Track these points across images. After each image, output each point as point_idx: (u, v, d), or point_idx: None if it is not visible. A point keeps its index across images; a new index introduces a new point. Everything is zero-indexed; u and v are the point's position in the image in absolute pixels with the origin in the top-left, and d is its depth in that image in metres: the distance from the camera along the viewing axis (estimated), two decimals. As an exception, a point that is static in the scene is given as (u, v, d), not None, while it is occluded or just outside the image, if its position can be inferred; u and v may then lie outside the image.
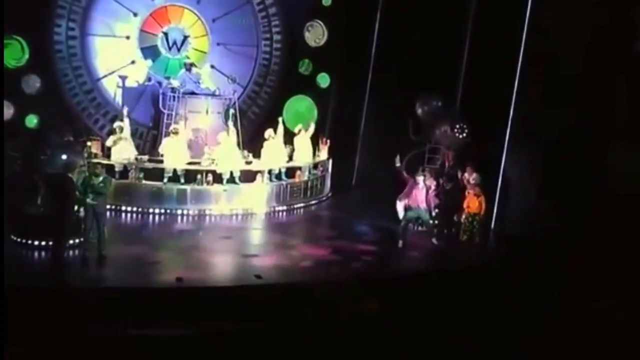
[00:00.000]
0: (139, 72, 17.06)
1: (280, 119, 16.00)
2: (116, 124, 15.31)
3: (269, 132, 15.76)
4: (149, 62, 17.12)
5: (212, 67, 16.80)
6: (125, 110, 15.47)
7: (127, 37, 17.05)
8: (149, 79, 16.87)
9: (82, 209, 11.16)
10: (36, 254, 11.21)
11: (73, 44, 16.57)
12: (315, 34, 18.25)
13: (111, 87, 17.05)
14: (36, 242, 11.31)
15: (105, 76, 16.99)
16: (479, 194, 13.02)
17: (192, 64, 16.55)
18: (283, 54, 18.23)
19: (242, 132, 16.05)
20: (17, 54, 15.63)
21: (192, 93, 16.12)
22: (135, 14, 17.01)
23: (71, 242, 11.26)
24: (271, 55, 18.25)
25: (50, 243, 11.04)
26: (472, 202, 13.02)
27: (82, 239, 11.25)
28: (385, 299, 10.03)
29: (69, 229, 11.00)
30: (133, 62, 17.09)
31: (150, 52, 17.20)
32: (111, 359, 8.38)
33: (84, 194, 11.01)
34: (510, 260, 11.93)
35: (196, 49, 17.54)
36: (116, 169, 14.68)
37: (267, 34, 18.19)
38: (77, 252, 11.23)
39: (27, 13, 15.10)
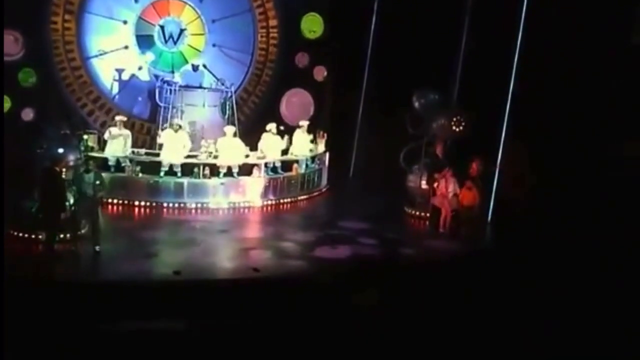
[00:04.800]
0: (131, 62, 17.03)
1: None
2: (117, 118, 15.43)
3: (270, 126, 15.74)
4: (149, 54, 17.11)
5: (204, 66, 16.78)
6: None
7: (125, 22, 16.97)
8: (139, 68, 16.94)
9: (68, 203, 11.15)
10: (31, 247, 11.19)
11: (69, 18, 16.42)
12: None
13: (99, 68, 16.95)
14: (32, 236, 11.31)
15: (95, 56, 16.89)
16: (472, 186, 13.08)
17: (198, 66, 16.60)
18: (277, 67, 18.15)
19: (238, 125, 16.06)
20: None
21: (188, 86, 16.14)
22: (136, 0, 16.95)
23: (62, 236, 11.23)
24: (264, 66, 18.20)
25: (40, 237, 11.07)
26: (466, 195, 13.10)
27: (72, 234, 11.25)
28: (383, 289, 10.07)
29: (59, 223, 10.98)
30: (126, 47, 17.03)
31: (145, 41, 17.14)
32: (108, 353, 8.38)
33: (76, 189, 11.03)
34: (506, 252, 11.96)
35: (191, 46, 17.51)
36: (110, 163, 14.74)
37: (263, 45, 18.14)
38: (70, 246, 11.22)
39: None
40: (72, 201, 11.22)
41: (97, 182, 11.28)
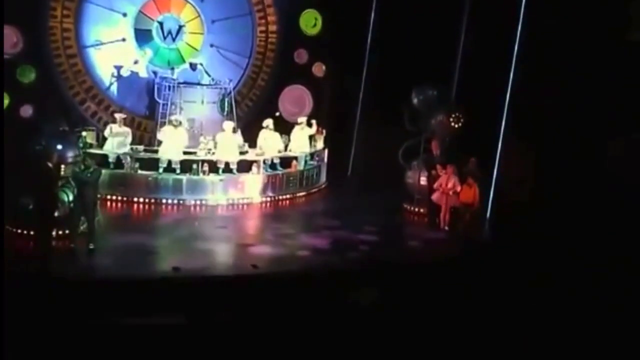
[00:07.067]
0: (127, 55, 16.98)
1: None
2: (117, 115, 15.34)
3: (267, 122, 15.74)
4: (148, 51, 17.09)
5: (201, 65, 16.78)
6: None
7: (124, 15, 16.95)
8: (135, 62, 16.88)
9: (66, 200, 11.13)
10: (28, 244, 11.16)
11: (69, 6, 16.42)
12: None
13: (95, 59, 16.91)
14: (30, 232, 11.27)
15: (92, 46, 16.87)
16: (472, 184, 13.09)
17: (197, 64, 16.57)
18: (273, 71, 18.11)
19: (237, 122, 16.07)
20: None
21: (186, 82, 16.14)
22: None
23: (60, 233, 11.22)
24: (260, 70, 18.17)
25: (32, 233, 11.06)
26: (466, 193, 13.10)
27: (71, 231, 11.22)
28: (382, 285, 10.08)
29: (52, 219, 10.95)
30: (124, 39, 17.01)
31: (143, 35, 17.12)
32: (108, 349, 8.40)
33: (74, 186, 11.02)
34: (505, 248, 11.98)
35: (189, 44, 17.50)
36: (110, 159, 14.71)
37: (261, 49, 18.13)
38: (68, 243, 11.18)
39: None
40: (70, 198, 11.19)
41: (89, 177, 11.25)
